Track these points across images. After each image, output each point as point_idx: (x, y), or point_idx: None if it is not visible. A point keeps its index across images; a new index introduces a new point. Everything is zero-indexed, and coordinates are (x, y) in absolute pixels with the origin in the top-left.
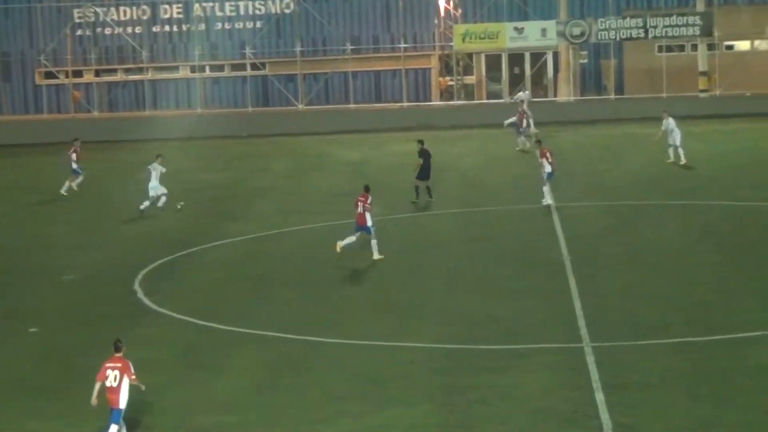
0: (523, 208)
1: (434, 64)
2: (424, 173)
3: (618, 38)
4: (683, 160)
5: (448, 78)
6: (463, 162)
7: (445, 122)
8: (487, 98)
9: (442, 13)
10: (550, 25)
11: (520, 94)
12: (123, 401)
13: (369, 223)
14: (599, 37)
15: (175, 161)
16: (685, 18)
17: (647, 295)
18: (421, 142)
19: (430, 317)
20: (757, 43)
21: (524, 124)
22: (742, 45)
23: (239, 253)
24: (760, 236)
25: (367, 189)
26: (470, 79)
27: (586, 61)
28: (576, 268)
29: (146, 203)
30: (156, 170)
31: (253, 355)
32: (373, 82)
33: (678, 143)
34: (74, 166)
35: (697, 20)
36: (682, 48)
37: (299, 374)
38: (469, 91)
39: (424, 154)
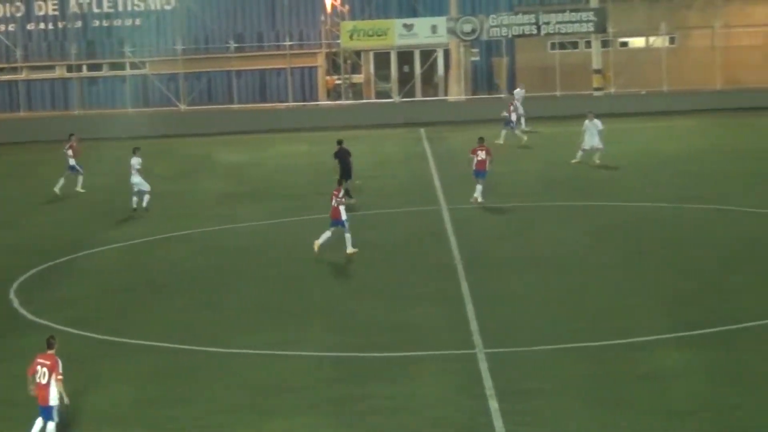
0: (414, 211)
1: (321, 62)
2: (343, 174)
3: (510, 35)
4: (597, 161)
5: (335, 77)
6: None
7: (333, 122)
8: (376, 97)
9: (329, 10)
10: (441, 21)
11: (518, 90)
12: (53, 398)
13: (344, 216)
14: (491, 34)
15: (52, 165)
16: (578, 14)
17: (542, 300)
18: (339, 142)
19: (320, 325)
20: (651, 39)
21: (513, 118)
22: (637, 42)
23: (122, 259)
24: (657, 238)
25: (339, 183)
26: (358, 78)
27: (477, 58)
28: (468, 271)
29: (135, 200)
30: (135, 165)
31: (135, 365)
32: (257, 82)
33: (595, 145)
34: (71, 162)
35: (591, 16)
36: (575, 45)
37: (184, 385)
38: (357, 91)
39: (340, 154)
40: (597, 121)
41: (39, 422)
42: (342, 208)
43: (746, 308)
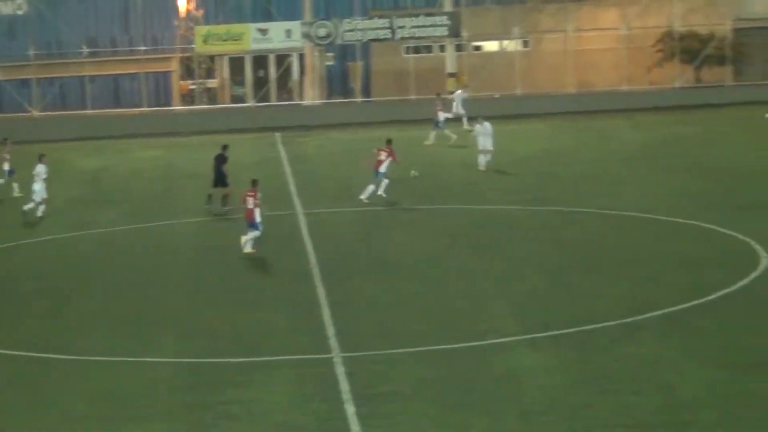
0: (269, 215)
1: (175, 67)
2: (217, 180)
3: (365, 39)
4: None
5: (189, 81)
6: (207, 168)
7: (187, 128)
8: (231, 102)
9: (183, 14)
10: (295, 26)
11: (459, 92)
12: None
13: (258, 219)
14: (345, 39)
15: None
16: (432, 18)
17: (398, 303)
18: (224, 147)
19: (172, 330)
20: (505, 43)
21: (441, 118)
22: (491, 46)
23: None
24: (512, 240)
25: (254, 183)
26: (213, 83)
27: (332, 63)
28: (324, 276)
29: (31, 205)
30: (40, 173)
31: None
32: (111, 86)
33: (487, 147)
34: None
35: (445, 20)
36: (429, 49)
37: (32, 394)
38: (211, 95)
39: (217, 159)
40: (487, 125)
41: None
42: (257, 210)
43: (598, 309)
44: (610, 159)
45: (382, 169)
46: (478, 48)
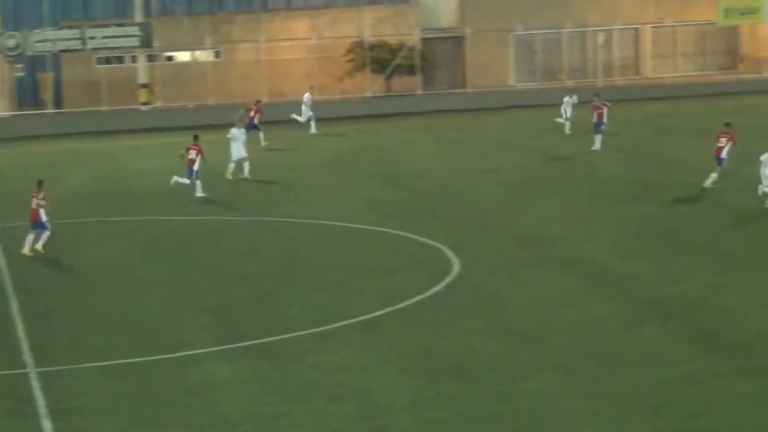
0: None
1: None
2: None
3: (55, 50)
4: (232, 174)
5: None
6: None
7: None
8: None
9: None
10: None
11: (307, 95)
12: None
13: (44, 218)
14: (35, 49)
15: None
16: (123, 29)
17: (93, 317)
18: None
19: None
20: (197, 53)
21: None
22: (183, 56)
23: None
24: (206, 251)
25: (39, 184)
26: None
27: (22, 74)
28: (18, 290)
29: None
30: None
31: None
32: None
33: (243, 155)
34: None
35: (136, 31)
36: (121, 60)
37: None
38: None
39: None
40: (234, 130)
41: None
42: (42, 211)
43: (293, 318)
44: (304, 168)
45: (194, 167)
46: (170, 58)
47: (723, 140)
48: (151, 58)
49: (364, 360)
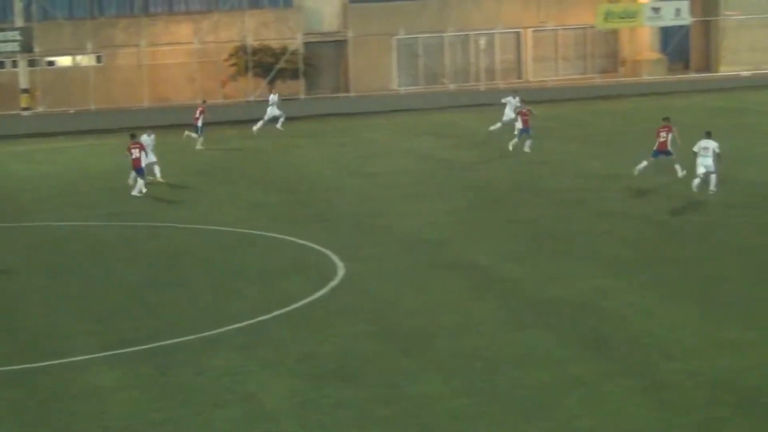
0: None
1: None
2: None
3: None
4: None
5: None
6: None
7: None
8: None
9: None
10: None
11: (272, 96)
12: None
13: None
14: None
15: None
16: (3, 33)
17: None
18: None
19: None
20: (79, 58)
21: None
22: (64, 61)
23: None
24: (86, 255)
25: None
26: None
27: None
28: None
29: None
30: None
31: None
32: None
33: (152, 161)
34: None
35: (17, 36)
36: (2, 65)
37: None
38: None
39: None
40: (144, 136)
41: None
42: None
43: (177, 323)
44: (186, 173)
45: (141, 164)
46: (51, 63)
47: (663, 134)
48: (32, 63)
49: (250, 364)
